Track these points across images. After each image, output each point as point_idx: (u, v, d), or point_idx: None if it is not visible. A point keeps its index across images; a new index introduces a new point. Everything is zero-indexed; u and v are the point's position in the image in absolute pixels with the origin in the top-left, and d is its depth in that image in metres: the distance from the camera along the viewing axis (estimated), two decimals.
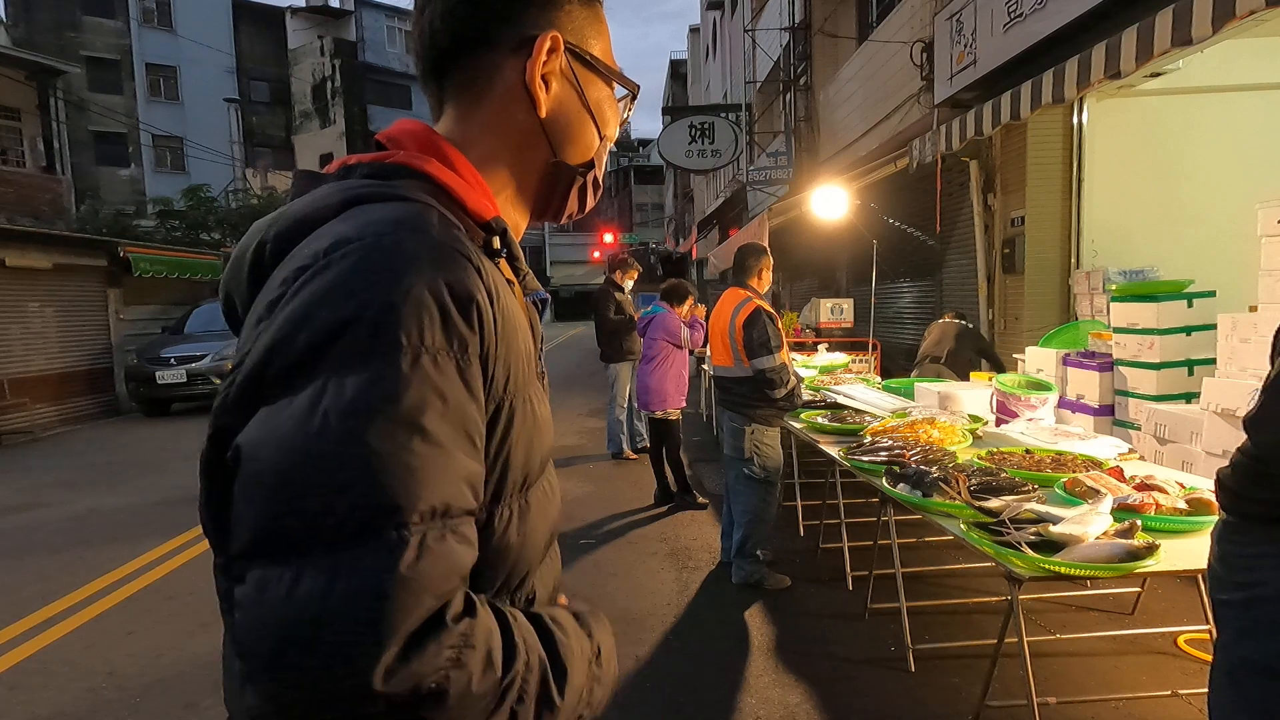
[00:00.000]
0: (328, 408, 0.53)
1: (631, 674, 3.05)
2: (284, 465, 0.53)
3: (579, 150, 0.81)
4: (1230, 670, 1.33)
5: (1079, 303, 5.50)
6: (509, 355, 0.65)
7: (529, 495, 0.71)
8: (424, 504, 0.54)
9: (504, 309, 0.65)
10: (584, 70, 0.79)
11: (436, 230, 0.62)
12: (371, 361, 0.55)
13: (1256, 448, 1.29)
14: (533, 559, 0.73)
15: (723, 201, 19.09)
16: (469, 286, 0.60)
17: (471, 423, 0.59)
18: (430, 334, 0.57)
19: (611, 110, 0.84)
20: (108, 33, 24.66)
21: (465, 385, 0.59)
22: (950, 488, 2.56)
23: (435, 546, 0.54)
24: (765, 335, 3.66)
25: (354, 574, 0.51)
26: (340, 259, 0.58)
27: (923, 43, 7.12)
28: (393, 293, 0.56)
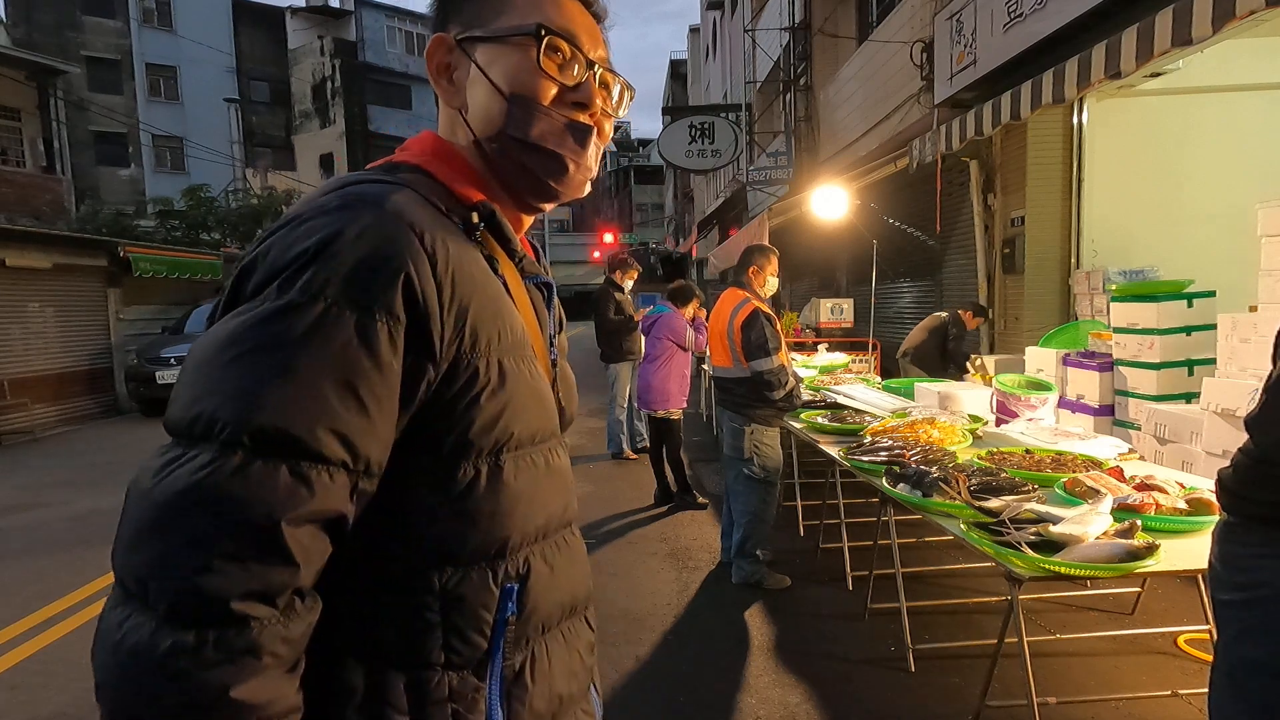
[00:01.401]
0: (230, 326, 0.64)
1: (631, 674, 3.05)
2: (189, 363, 0.65)
3: (486, 119, 0.82)
4: (1230, 670, 1.33)
5: (1079, 303, 5.50)
6: (474, 319, 0.70)
7: (505, 460, 0.73)
8: (262, 425, 0.60)
9: (471, 280, 0.71)
10: (483, 47, 0.82)
11: (394, 204, 0.69)
12: (278, 299, 0.64)
13: (1258, 448, 1.29)
14: (517, 530, 0.74)
15: (723, 201, 19.08)
16: (402, 257, 0.66)
17: (358, 377, 0.64)
18: (336, 288, 0.64)
19: (516, 66, 0.80)
20: (108, 33, 24.64)
21: (362, 341, 0.64)
22: (950, 488, 2.56)
23: (259, 476, 0.60)
24: (763, 337, 3.66)
25: (188, 464, 0.60)
26: (295, 221, 0.69)
27: (923, 43, 7.12)
28: (321, 249, 0.65)
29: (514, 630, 0.74)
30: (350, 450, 0.64)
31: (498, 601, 0.73)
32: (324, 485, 0.63)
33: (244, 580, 0.59)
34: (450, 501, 0.70)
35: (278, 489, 0.60)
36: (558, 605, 0.81)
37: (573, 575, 0.83)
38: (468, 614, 0.71)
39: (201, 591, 0.58)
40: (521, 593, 0.75)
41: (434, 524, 0.70)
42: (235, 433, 0.60)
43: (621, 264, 6.93)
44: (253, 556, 0.59)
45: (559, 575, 0.80)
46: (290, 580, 0.61)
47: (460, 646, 0.71)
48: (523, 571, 0.75)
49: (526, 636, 0.76)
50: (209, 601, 0.58)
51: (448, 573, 0.71)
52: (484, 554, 0.72)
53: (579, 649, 0.84)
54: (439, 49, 0.83)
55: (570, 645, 0.83)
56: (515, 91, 0.80)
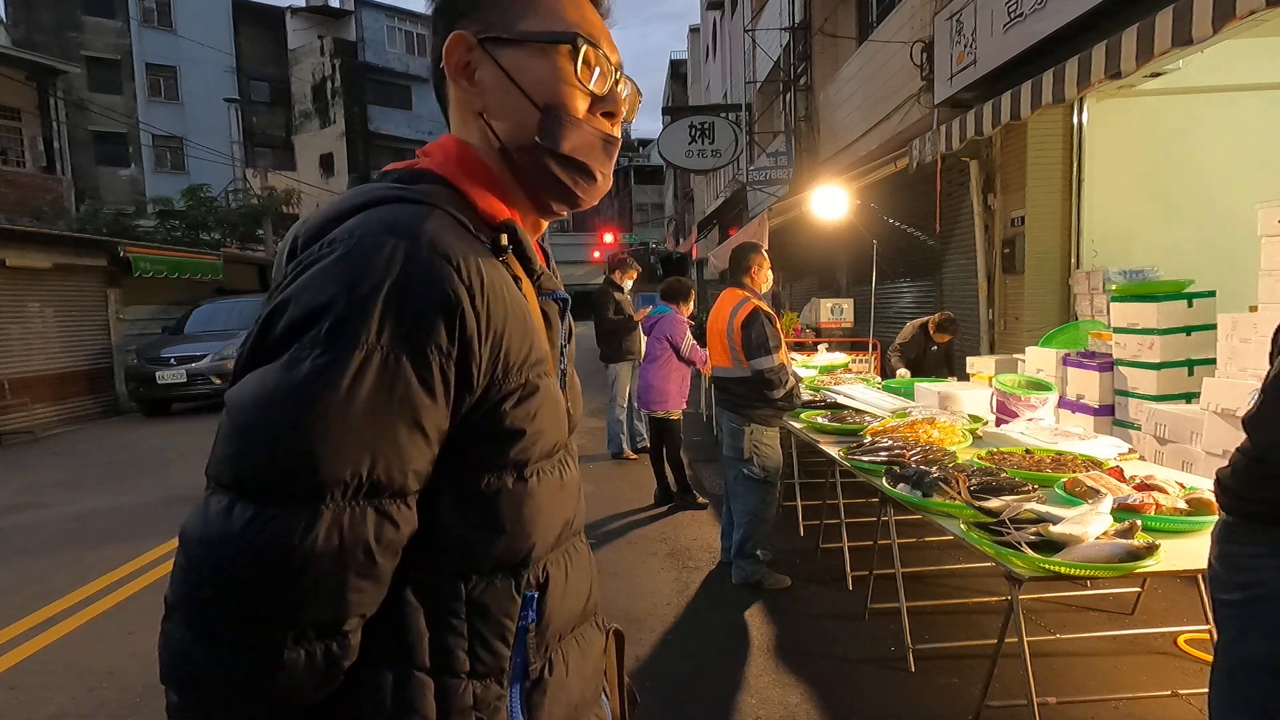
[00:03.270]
0: (283, 381, 0.63)
1: (631, 674, 3.04)
2: (241, 419, 0.64)
3: (516, 128, 0.81)
4: (1230, 670, 1.33)
5: (1079, 303, 5.50)
6: (506, 343, 0.71)
7: (529, 473, 0.75)
8: (346, 476, 0.63)
9: (503, 303, 0.71)
10: (505, 50, 0.80)
11: (428, 234, 0.68)
12: (329, 349, 0.63)
13: (1256, 448, 1.29)
14: (539, 539, 0.76)
15: (723, 201, 19.08)
16: (444, 292, 0.66)
17: (422, 414, 0.66)
18: (388, 333, 0.64)
19: (548, 72, 0.80)
20: (108, 33, 24.64)
21: (420, 380, 0.65)
22: (950, 488, 2.56)
23: (352, 523, 0.63)
24: (764, 336, 3.66)
25: (271, 524, 0.61)
26: (328, 254, 0.67)
27: (923, 43, 7.12)
28: (363, 290, 0.64)
29: (534, 638, 0.76)
30: (418, 479, 0.68)
31: (519, 609, 0.75)
32: (405, 516, 0.67)
33: (356, 605, 0.66)
34: (478, 512, 0.72)
35: (368, 529, 0.64)
36: (572, 612, 0.82)
37: (584, 583, 0.85)
38: (492, 622, 0.73)
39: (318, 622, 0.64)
40: (541, 600, 0.77)
41: (463, 534, 0.72)
42: (320, 488, 0.62)
43: (621, 264, 6.93)
44: (354, 588, 0.65)
45: (573, 582, 0.82)
46: (377, 600, 0.68)
47: (484, 654, 0.73)
48: (542, 580, 0.77)
49: (545, 644, 0.78)
50: (326, 627, 0.65)
51: (473, 581, 0.73)
52: (508, 563, 0.74)
53: (592, 655, 0.86)
54: (459, 47, 0.80)
55: (585, 651, 0.84)
56: (549, 102, 0.80)
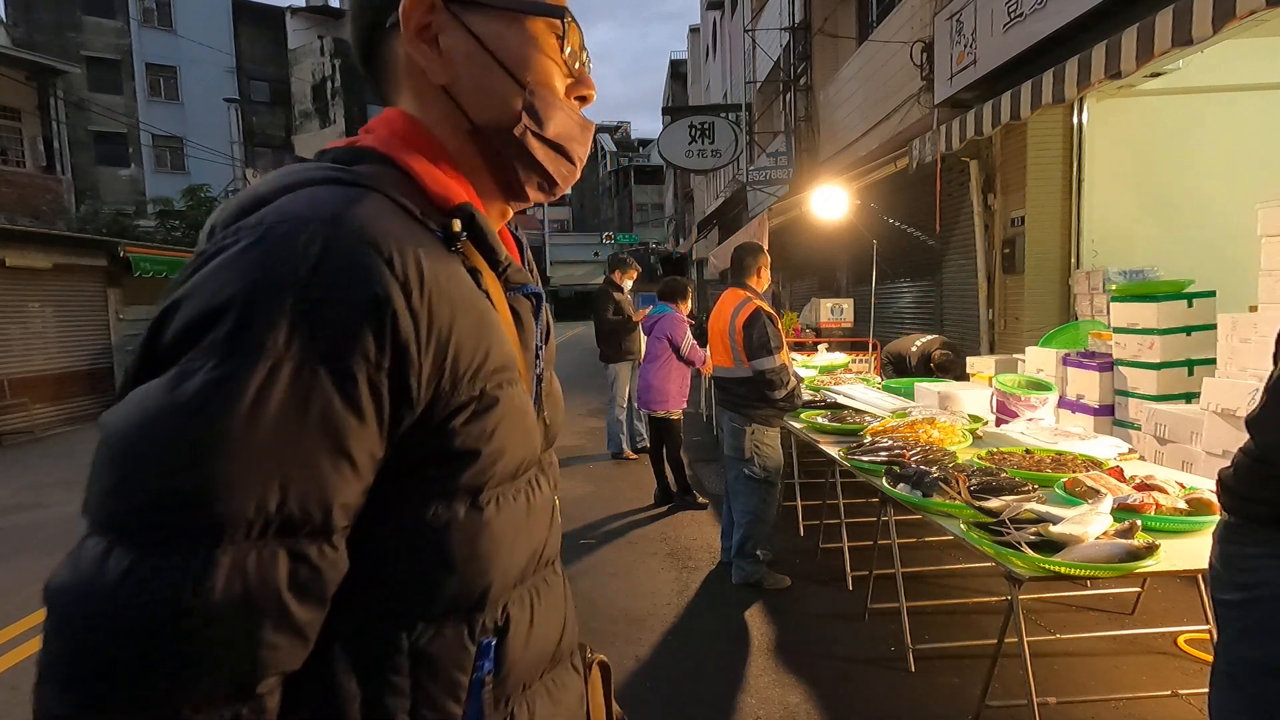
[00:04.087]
0: (169, 400, 0.52)
1: (631, 674, 3.05)
2: (117, 447, 0.52)
3: (495, 106, 0.71)
4: (1231, 671, 1.33)
5: (1079, 303, 5.49)
6: (455, 349, 0.60)
7: (485, 500, 0.64)
8: (248, 513, 0.51)
9: (450, 301, 0.60)
10: (476, 16, 0.70)
11: (356, 220, 0.57)
12: (227, 360, 0.52)
13: (1259, 448, 1.29)
14: (497, 577, 0.65)
15: (723, 201, 19.08)
16: (370, 286, 0.55)
17: (347, 438, 0.55)
18: (301, 340, 0.53)
19: (533, 49, 0.71)
20: (108, 33, 24.65)
21: (344, 397, 0.54)
22: (950, 488, 2.56)
23: (259, 569, 0.52)
24: (765, 336, 3.66)
25: (155, 576, 0.50)
26: (234, 244, 0.56)
27: (923, 43, 7.12)
28: (270, 288, 0.53)
29: (492, 691, 0.65)
30: (346, 514, 0.57)
31: (473, 660, 0.64)
32: (329, 558, 0.56)
33: (269, 665, 0.54)
34: (423, 548, 0.61)
35: (279, 574, 0.53)
36: (540, 656, 0.72)
37: (554, 621, 0.74)
38: (440, 677, 0.63)
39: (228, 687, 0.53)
40: (500, 647, 0.66)
41: (406, 575, 0.61)
42: (214, 528, 0.51)
43: (621, 264, 6.94)
44: (266, 644, 0.53)
45: (540, 623, 0.71)
46: (299, 655, 0.56)
47: (430, 715, 0.62)
48: (501, 623, 0.67)
49: (506, 695, 0.67)
50: (233, 692, 0.53)
51: (418, 629, 0.62)
52: (460, 607, 0.63)
53: (566, 701, 0.75)
54: (418, 7, 0.69)
55: (556, 699, 0.74)
56: (535, 79, 0.71)
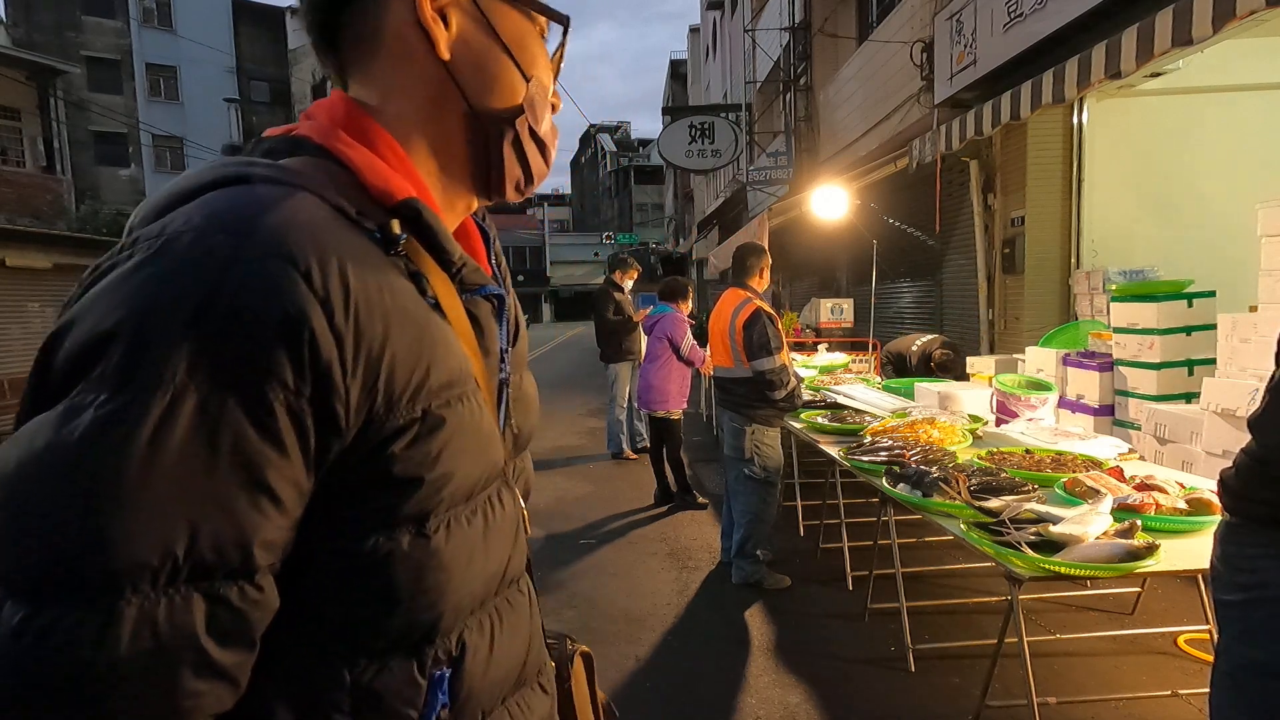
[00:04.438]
0: (58, 438, 0.47)
1: (631, 674, 3.05)
2: (2, 492, 0.47)
3: (499, 94, 0.68)
4: (1231, 671, 1.33)
5: (1079, 303, 5.49)
6: (389, 368, 0.55)
7: (432, 527, 0.59)
8: (153, 560, 0.47)
9: (383, 316, 0.55)
10: (501, 8, 0.69)
11: (270, 227, 0.52)
12: (121, 392, 0.47)
13: (1260, 449, 1.29)
14: (448, 606, 0.60)
15: (723, 201, 19.09)
16: (283, 305, 0.50)
17: (265, 471, 0.50)
18: (205, 367, 0.48)
19: (537, 46, 0.71)
20: (108, 33, 24.66)
21: (258, 428, 0.49)
22: (950, 488, 2.56)
23: (170, 617, 0.48)
24: (765, 336, 3.66)
25: (52, 632, 0.45)
26: (129, 258, 0.51)
27: (923, 43, 7.12)
28: (166, 309, 0.48)
29: None
30: (271, 551, 0.52)
31: (425, 694, 0.60)
32: (254, 598, 0.51)
33: (195, 711, 0.50)
34: (364, 582, 0.56)
35: (195, 620, 0.49)
36: (503, 680, 0.67)
37: (518, 643, 0.69)
38: (388, 714, 0.58)
39: None
40: (455, 679, 0.61)
41: (342, 610, 0.57)
42: (114, 578, 0.46)
43: (622, 264, 6.94)
44: (188, 693, 0.49)
45: (502, 647, 0.66)
46: (228, 699, 0.52)
47: None
48: (455, 653, 0.62)
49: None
50: None
51: (361, 665, 0.57)
52: (406, 640, 0.59)
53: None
54: None
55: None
56: (538, 75, 0.70)
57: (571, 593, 3.90)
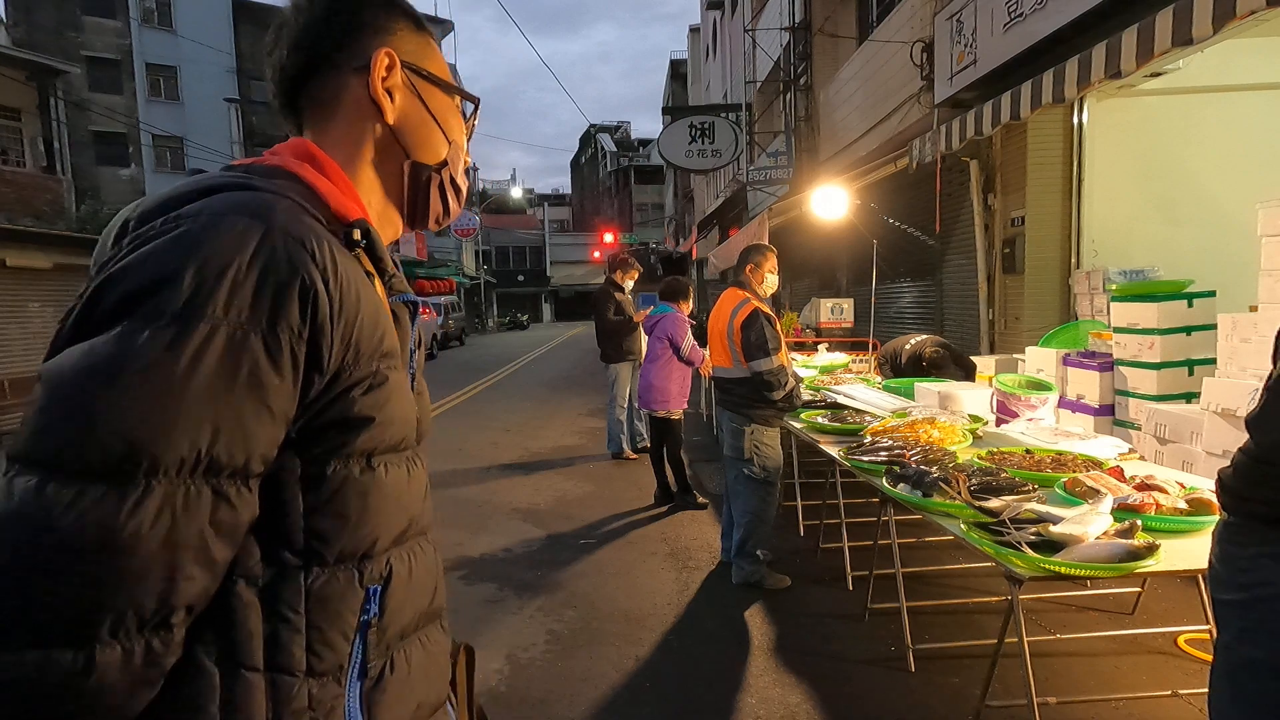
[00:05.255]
0: (118, 351, 0.59)
1: (631, 674, 3.05)
2: (63, 390, 0.59)
3: (429, 152, 0.91)
4: (1231, 670, 1.33)
5: (1079, 303, 5.50)
6: (358, 330, 0.71)
7: (377, 462, 0.75)
8: (184, 452, 0.59)
9: (356, 291, 0.71)
10: (423, 83, 0.90)
11: (279, 217, 0.67)
12: (173, 323, 0.60)
13: (1258, 447, 1.29)
14: (384, 531, 0.76)
15: (723, 201, 19.09)
16: (295, 268, 0.65)
17: (269, 393, 0.64)
18: (236, 308, 0.62)
19: (455, 119, 0.95)
20: (108, 33, 24.65)
21: (269, 358, 0.64)
22: (950, 488, 2.56)
23: (185, 503, 0.60)
24: (763, 337, 3.66)
25: (96, 505, 0.56)
26: (173, 229, 0.64)
27: (923, 43, 7.12)
28: (213, 264, 0.62)
29: (375, 634, 0.74)
30: (262, 461, 0.66)
31: (361, 603, 0.73)
32: (245, 500, 0.64)
33: (185, 595, 0.61)
34: (323, 500, 0.70)
35: (203, 510, 0.61)
36: (416, 610, 0.81)
37: (428, 582, 0.84)
38: (333, 616, 0.71)
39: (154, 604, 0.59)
40: (384, 595, 0.75)
41: (305, 523, 0.70)
42: (154, 462, 0.59)
43: (622, 264, 6.94)
44: (185, 575, 0.61)
45: (417, 580, 0.80)
46: (208, 591, 0.63)
47: (323, 651, 0.70)
48: (385, 574, 0.76)
49: (387, 642, 0.76)
50: (149, 619, 0.59)
51: (314, 573, 0.70)
52: (352, 555, 0.73)
53: (437, 657, 0.85)
54: (386, 62, 0.86)
55: (429, 653, 0.82)
56: (454, 140, 0.94)
57: (571, 593, 3.90)
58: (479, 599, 3.86)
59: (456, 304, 27.88)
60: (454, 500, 5.77)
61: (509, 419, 9.57)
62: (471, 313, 35.80)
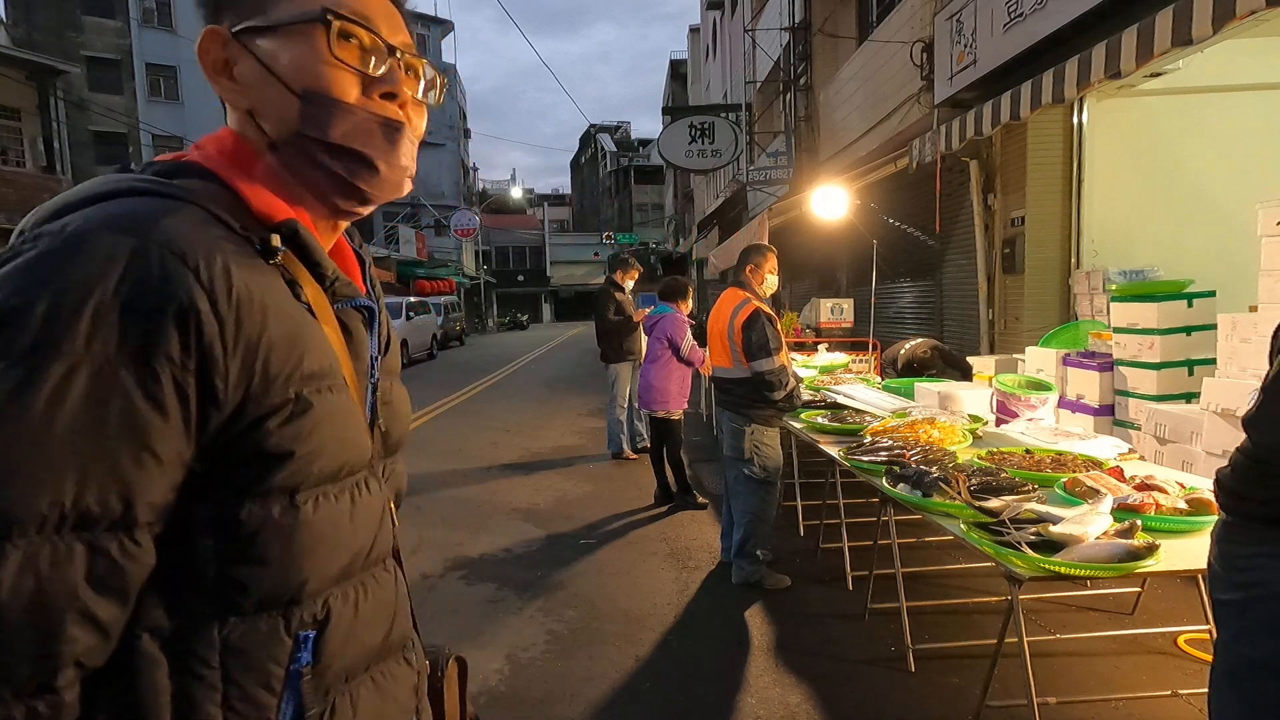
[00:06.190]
0: None
1: (631, 674, 3.05)
2: None
3: (278, 120, 0.72)
4: (1230, 670, 1.33)
5: (1079, 303, 5.50)
6: (266, 354, 0.63)
7: (302, 499, 0.66)
8: (42, 507, 0.54)
9: (260, 309, 0.63)
10: (264, 39, 0.71)
11: (163, 231, 0.59)
12: (21, 362, 0.54)
13: (1256, 448, 1.29)
14: (315, 573, 0.67)
15: (723, 201, 19.10)
16: (171, 290, 0.57)
17: (150, 435, 0.57)
18: (100, 341, 0.55)
19: (306, 57, 0.71)
20: (108, 33, 24.66)
21: (146, 396, 0.57)
22: (950, 488, 2.56)
23: (54, 562, 0.54)
24: (764, 337, 3.66)
25: None
26: (30, 249, 0.58)
27: (923, 43, 7.12)
28: (70, 292, 0.55)
29: (311, 681, 0.67)
30: (152, 510, 0.59)
31: (290, 652, 0.66)
32: (132, 552, 0.58)
33: (67, 657, 0.56)
34: (238, 545, 0.63)
35: (75, 567, 0.55)
36: (365, 649, 0.74)
37: (381, 615, 0.76)
38: (254, 668, 0.64)
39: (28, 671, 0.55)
40: (319, 640, 0.68)
41: (215, 571, 0.63)
42: (5, 522, 0.53)
43: (622, 264, 6.94)
44: (64, 638, 0.56)
45: (367, 617, 0.73)
46: (101, 649, 0.58)
47: (243, 706, 0.64)
48: (321, 616, 0.68)
49: (327, 686, 0.69)
50: (28, 687, 0.55)
51: (230, 624, 0.63)
52: (275, 602, 0.65)
53: (396, 693, 0.78)
54: (213, 44, 0.73)
55: (384, 690, 0.76)
56: (308, 87, 0.71)
57: (571, 593, 3.90)
58: (479, 599, 3.86)
59: (456, 304, 27.89)
60: (454, 500, 5.77)
61: (509, 419, 9.57)
62: (471, 313, 35.80)
